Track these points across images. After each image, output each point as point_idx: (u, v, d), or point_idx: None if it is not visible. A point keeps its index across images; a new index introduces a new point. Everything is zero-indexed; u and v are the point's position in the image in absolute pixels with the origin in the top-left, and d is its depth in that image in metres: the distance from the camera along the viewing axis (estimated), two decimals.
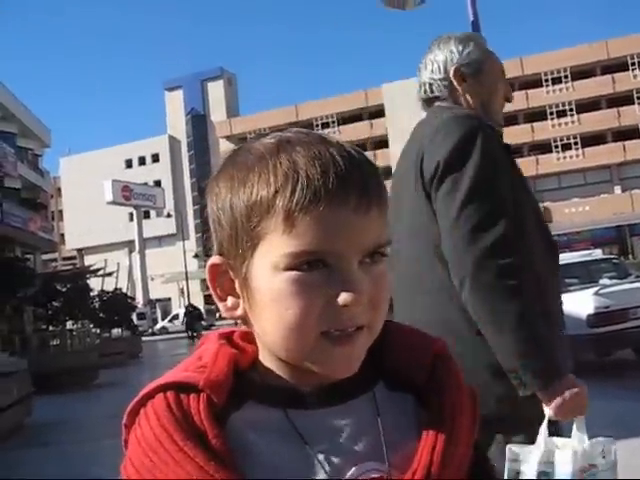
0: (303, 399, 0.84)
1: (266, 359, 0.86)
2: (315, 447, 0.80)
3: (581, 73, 53.69)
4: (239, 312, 0.85)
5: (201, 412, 0.79)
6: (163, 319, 56.32)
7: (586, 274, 11.74)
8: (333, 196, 0.76)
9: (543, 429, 1.81)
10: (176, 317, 53.50)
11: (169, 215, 56.30)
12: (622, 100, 52.69)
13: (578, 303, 10.16)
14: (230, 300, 0.85)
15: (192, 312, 39.04)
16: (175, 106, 71.88)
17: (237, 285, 0.83)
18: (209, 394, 0.81)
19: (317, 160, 0.78)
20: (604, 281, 11.22)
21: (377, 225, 0.80)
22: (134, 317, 30.68)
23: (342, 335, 0.78)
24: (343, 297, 0.76)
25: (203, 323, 39.24)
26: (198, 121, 69.89)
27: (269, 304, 0.79)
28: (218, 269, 0.85)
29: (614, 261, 13.36)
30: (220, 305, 0.86)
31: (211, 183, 0.88)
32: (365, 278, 0.79)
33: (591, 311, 9.83)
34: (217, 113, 68.91)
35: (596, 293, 10.01)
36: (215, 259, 0.85)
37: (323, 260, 0.77)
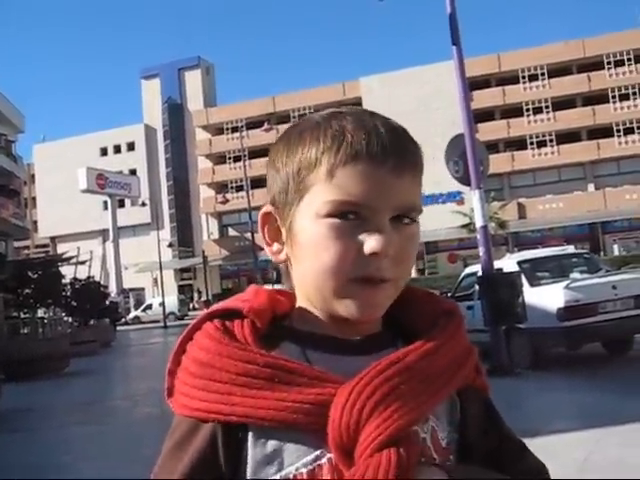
0: (337, 346, 0.93)
1: (303, 307, 0.97)
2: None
3: (557, 71, 54.01)
4: (282, 256, 0.97)
5: (245, 333, 0.91)
6: (136, 309, 55.99)
7: (557, 268, 11.86)
8: (372, 157, 0.88)
9: None
10: (150, 307, 53.23)
11: (144, 204, 55.78)
12: (597, 98, 53.12)
13: (549, 296, 10.29)
14: (276, 245, 0.98)
15: None
16: (152, 95, 71.22)
17: (283, 232, 0.96)
18: (252, 319, 0.92)
19: (362, 127, 0.90)
20: (575, 275, 11.33)
21: (409, 189, 0.91)
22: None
23: (369, 283, 0.89)
24: (371, 244, 0.87)
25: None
26: (175, 110, 69.29)
27: (309, 247, 0.90)
28: (269, 217, 0.98)
29: (585, 256, 13.45)
30: (267, 249, 0.99)
31: (275, 144, 0.99)
32: (394, 234, 0.89)
33: (561, 304, 9.92)
34: (194, 102, 68.38)
35: (567, 287, 10.10)
36: (267, 208, 0.98)
37: (358, 212, 0.88)
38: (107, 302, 29.63)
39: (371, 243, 0.87)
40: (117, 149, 70.29)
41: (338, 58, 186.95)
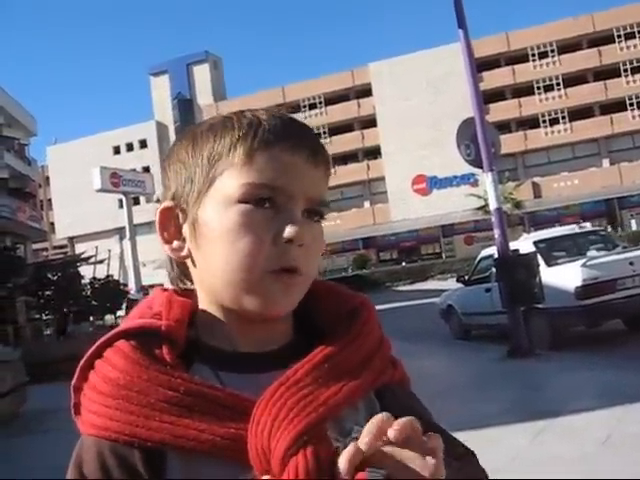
0: (250, 364, 0.87)
1: (207, 313, 0.91)
2: None
3: (567, 47, 53.46)
4: (184, 253, 0.91)
5: (165, 354, 0.84)
6: None
7: (574, 246, 11.81)
8: (290, 143, 0.86)
9: None
10: None
11: (159, 200, 55.47)
12: (609, 73, 52.58)
13: (566, 275, 10.25)
14: (176, 242, 0.92)
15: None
16: (161, 91, 71.34)
17: (186, 226, 0.90)
18: (171, 340, 0.85)
19: (277, 117, 0.90)
20: (592, 253, 11.27)
21: (322, 182, 0.90)
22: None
23: (286, 274, 0.84)
24: (288, 231, 0.83)
25: None
26: (185, 105, 69.37)
27: (219, 237, 0.85)
28: (169, 213, 0.92)
29: (601, 233, 13.40)
30: (165, 247, 0.93)
31: (175, 143, 0.96)
32: (307, 225, 0.86)
33: (579, 283, 9.89)
34: (204, 97, 68.42)
35: (584, 265, 10.06)
36: (167, 203, 0.93)
37: (273, 200, 0.85)
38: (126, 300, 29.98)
39: (288, 229, 0.83)
40: (129, 147, 70.48)
41: (346, 45, 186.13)
